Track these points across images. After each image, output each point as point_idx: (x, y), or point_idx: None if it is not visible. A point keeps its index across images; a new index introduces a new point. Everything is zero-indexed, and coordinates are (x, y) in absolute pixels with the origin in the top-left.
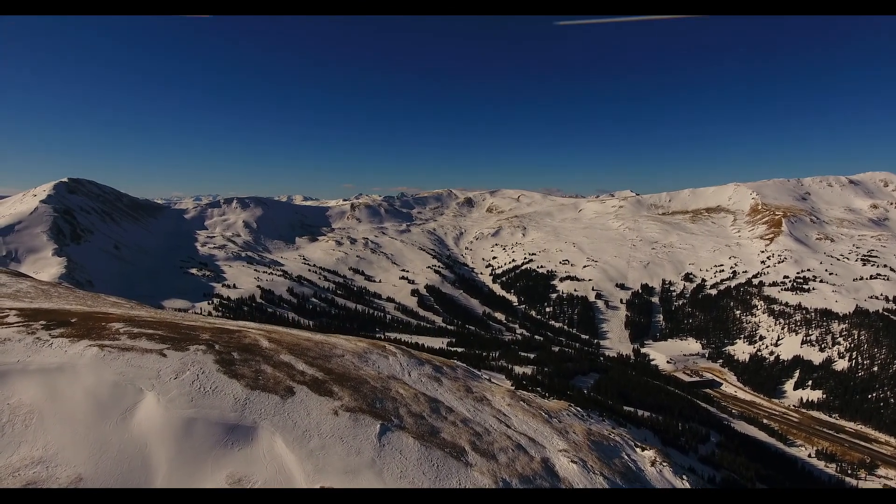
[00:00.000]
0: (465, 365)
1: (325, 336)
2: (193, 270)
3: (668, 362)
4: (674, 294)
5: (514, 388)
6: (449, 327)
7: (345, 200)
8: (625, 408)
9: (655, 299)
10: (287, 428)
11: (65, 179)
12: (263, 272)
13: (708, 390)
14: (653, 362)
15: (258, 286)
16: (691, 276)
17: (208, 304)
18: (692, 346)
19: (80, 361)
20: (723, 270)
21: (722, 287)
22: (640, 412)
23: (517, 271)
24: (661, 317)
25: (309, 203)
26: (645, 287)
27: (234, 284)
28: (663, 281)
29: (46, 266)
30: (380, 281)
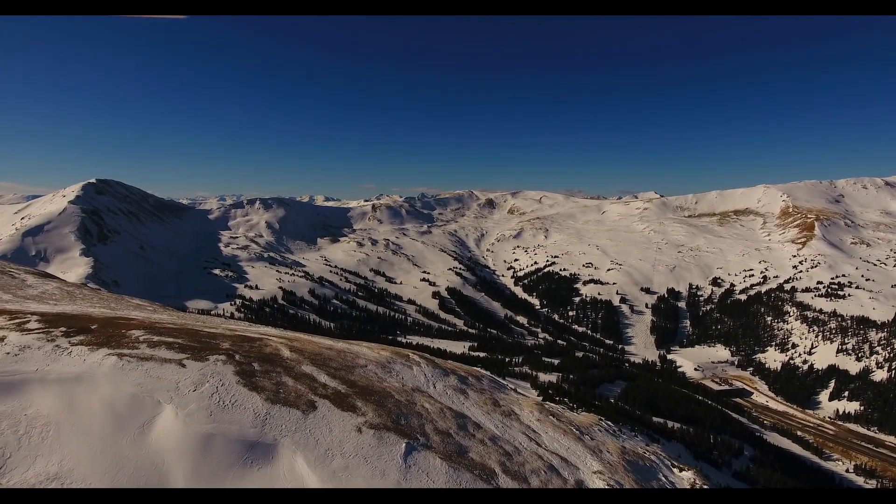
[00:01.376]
0: (490, 374)
1: (347, 344)
2: (217, 271)
3: (695, 370)
4: (701, 299)
5: (541, 399)
6: (470, 331)
7: (366, 201)
8: (654, 419)
9: (682, 304)
10: (309, 446)
11: (93, 180)
12: (285, 273)
13: (738, 399)
14: (680, 369)
15: (280, 287)
16: (719, 281)
17: (231, 304)
18: (721, 353)
19: (99, 371)
20: (752, 275)
21: (752, 292)
22: (669, 423)
23: (539, 274)
24: (687, 322)
25: (330, 204)
26: (671, 291)
27: (257, 285)
28: (690, 285)
29: (74, 266)
30: (401, 283)
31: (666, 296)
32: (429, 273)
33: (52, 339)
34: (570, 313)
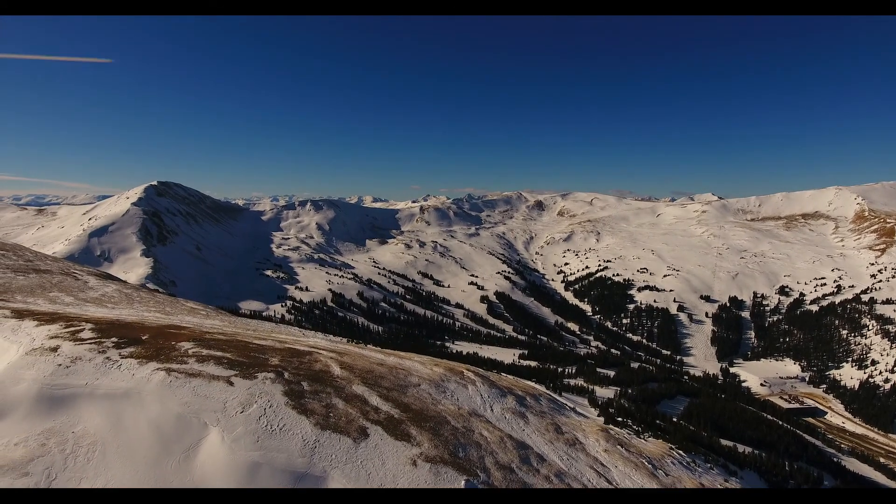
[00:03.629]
0: (547, 392)
1: (398, 359)
2: (269, 272)
3: (761, 385)
4: (767, 309)
5: (604, 421)
6: (520, 337)
7: (413, 202)
8: (722, 441)
9: (746, 314)
10: (360, 480)
11: (154, 182)
12: (335, 275)
13: (810, 419)
14: (744, 384)
15: (329, 289)
16: (787, 290)
17: (281, 306)
18: (789, 367)
19: (147, 387)
20: (825, 284)
21: (824, 303)
22: (740, 447)
23: (591, 279)
24: (752, 333)
25: (378, 205)
26: (733, 300)
27: (307, 287)
28: (754, 294)
29: (135, 266)
30: (448, 286)
31: (728, 304)
32: (477, 276)
33: (104, 351)
34: (624, 321)
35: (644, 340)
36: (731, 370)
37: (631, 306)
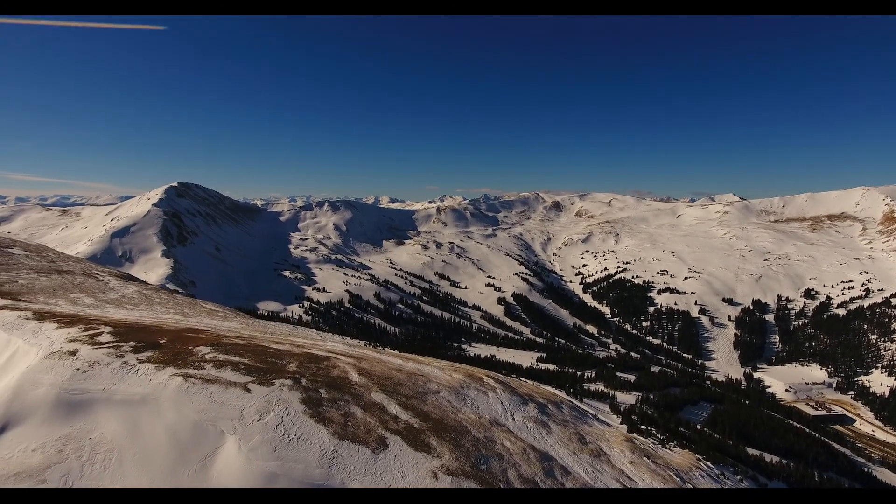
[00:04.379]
0: (568, 399)
1: (417, 364)
2: (286, 273)
3: (786, 391)
4: (792, 312)
5: (627, 430)
6: (538, 340)
7: (430, 203)
8: (748, 450)
9: (770, 317)
10: None
11: (175, 184)
12: (352, 276)
13: (838, 427)
14: (768, 390)
15: (346, 290)
16: (813, 293)
17: (299, 307)
18: (816, 373)
19: (164, 394)
20: (852, 287)
21: (852, 306)
22: (766, 457)
23: (610, 281)
24: (776, 337)
25: (395, 205)
26: (757, 303)
27: (324, 288)
28: (779, 297)
29: (155, 267)
30: (465, 287)
31: (751, 308)
32: (494, 277)
33: (121, 355)
34: (644, 324)
35: (664, 344)
36: (755, 375)
37: (651, 309)
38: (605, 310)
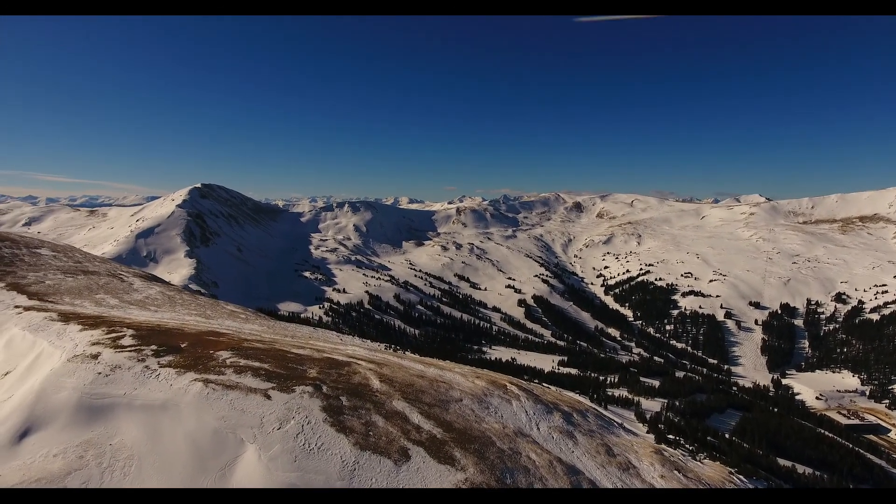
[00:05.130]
0: (593, 406)
1: (438, 370)
2: (307, 273)
3: (817, 398)
4: (822, 317)
5: (655, 440)
6: (559, 343)
7: (450, 204)
8: (779, 461)
9: (799, 322)
10: None
11: (198, 185)
12: (371, 277)
13: (872, 437)
14: (798, 397)
15: (366, 291)
16: (844, 297)
17: (319, 308)
18: (848, 380)
19: (184, 399)
20: (886, 291)
21: (886, 311)
22: (799, 468)
23: (632, 283)
24: (805, 343)
25: (414, 206)
26: (785, 307)
27: (344, 289)
28: (808, 301)
29: (178, 267)
30: (485, 289)
31: (779, 312)
32: (514, 279)
33: (143, 359)
34: (668, 327)
35: (689, 348)
36: (784, 382)
37: (675, 312)
38: (628, 313)
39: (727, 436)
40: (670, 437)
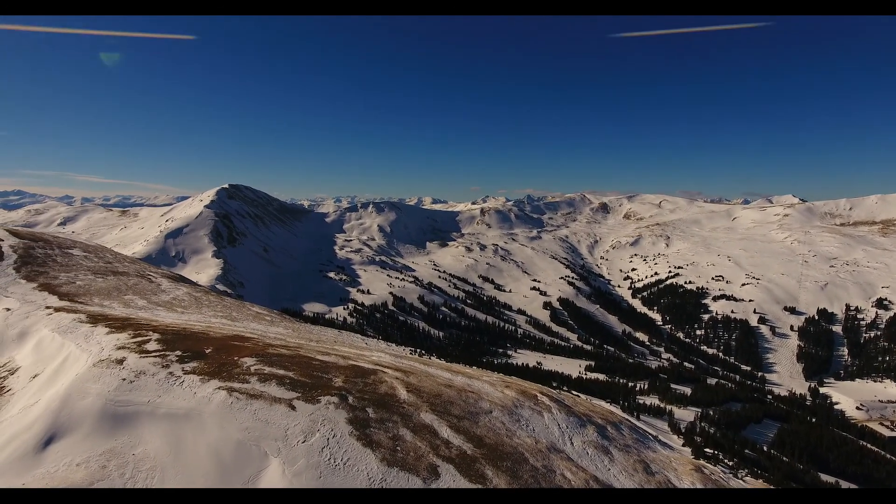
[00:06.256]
0: (626, 418)
1: (466, 378)
2: (331, 274)
3: (857, 408)
4: (862, 323)
5: (693, 455)
6: (585, 347)
7: (473, 204)
8: (822, 476)
9: (837, 328)
10: None
11: (226, 185)
12: (396, 278)
13: None
14: (836, 406)
15: (390, 292)
16: (886, 303)
17: (343, 309)
18: (890, 389)
19: (207, 409)
20: None
21: None
22: (842, 484)
23: (660, 286)
24: (844, 350)
25: (438, 206)
26: (822, 312)
27: (368, 290)
28: (847, 306)
29: (206, 267)
30: (510, 291)
31: (816, 317)
32: (539, 281)
33: (167, 365)
34: (698, 332)
35: (720, 354)
36: (822, 390)
37: (705, 316)
38: (656, 316)
39: (765, 448)
40: (708, 450)
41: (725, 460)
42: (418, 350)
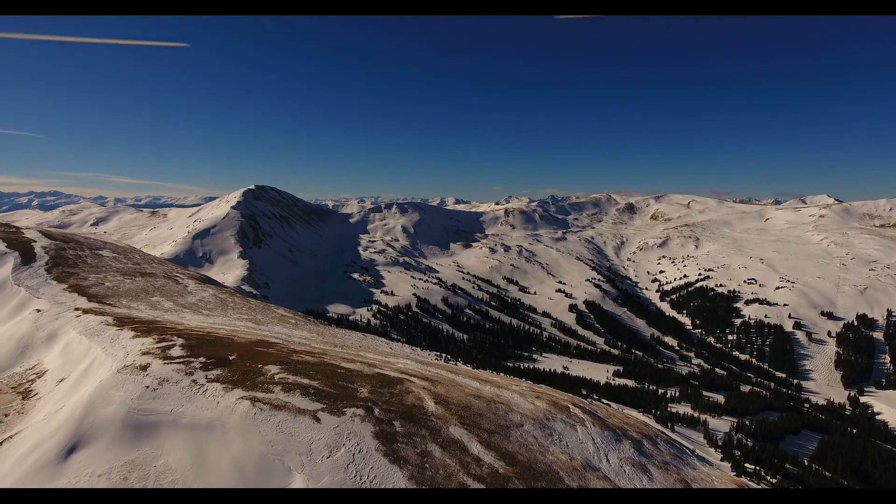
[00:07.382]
0: (661, 430)
1: (495, 388)
2: (355, 275)
3: None
4: None
5: (733, 471)
6: (612, 351)
7: (497, 205)
8: None
9: (878, 334)
10: None
11: (252, 186)
12: (419, 279)
13: None
14: (878, 417)
15: (414, 294)
16: None
17: (367, 310)
18: None
19: (230, 419)
20: None
21: None
22: None
23: (690, 289)
24: (886, 357)
25: (461, 207)
26: (862, 318)
27: (392, 291)
28: (889, 312)
29: (232, 268)
30: (534, 293)
31: (855, 323)
32: (564, 283)
33: (191, 373)
34: (730, 337)
35: (753, 360)
36: (862, 399)
37: (737, 321)
38: (686, 320)
39: (806, 462)
40: (748, 466)
41: (768, 477)
42: (443, 355)
